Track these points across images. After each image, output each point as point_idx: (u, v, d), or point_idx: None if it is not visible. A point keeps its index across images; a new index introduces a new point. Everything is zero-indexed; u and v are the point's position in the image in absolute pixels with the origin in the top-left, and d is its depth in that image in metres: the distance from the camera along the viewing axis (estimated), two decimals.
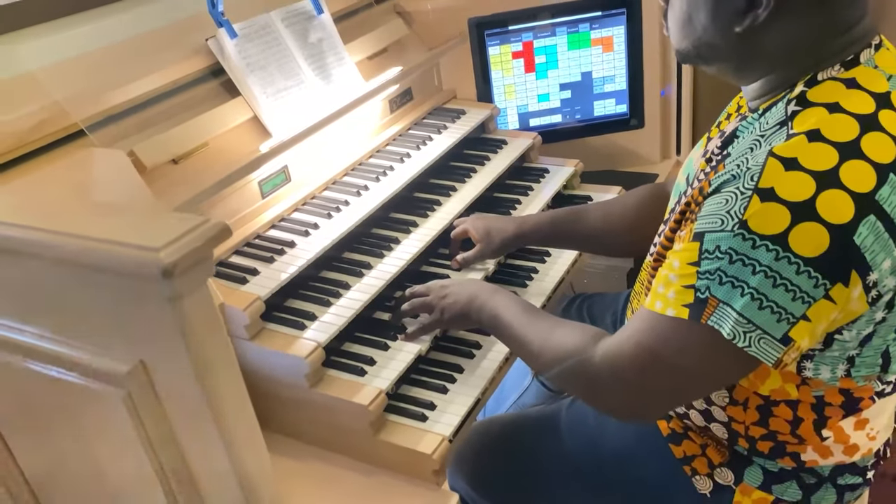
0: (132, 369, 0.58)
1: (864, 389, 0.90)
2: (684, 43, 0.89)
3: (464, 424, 1.09)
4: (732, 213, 0.76)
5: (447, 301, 1.13)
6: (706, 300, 0.78)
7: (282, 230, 1.25)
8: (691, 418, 1.01)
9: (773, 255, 0.74)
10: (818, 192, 0.73)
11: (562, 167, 1.64)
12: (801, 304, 0.75)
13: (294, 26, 1.36)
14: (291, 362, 1.06)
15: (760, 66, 0.86)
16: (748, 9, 0.80)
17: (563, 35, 1.70)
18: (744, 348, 0.77)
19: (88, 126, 1.08)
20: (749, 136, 0.85)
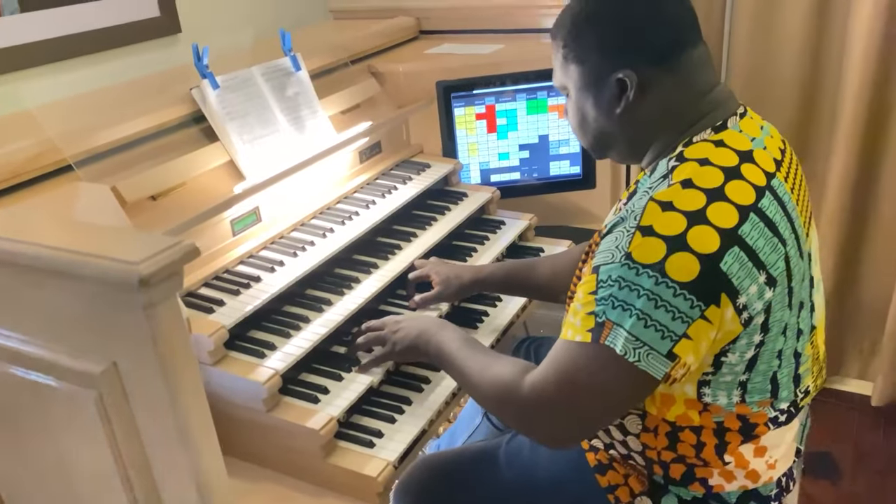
0: (105, 370, 0.67)
1: (758, 416, 1.01)
2: (587, 138, 1.07)
3: (409, 452, 1.17)
4: (620, 247, 0.90)
5: (399, 335, 1.23)
6: (603, 323, 0.90)
7: (249, 266, 1.35)
8: (616, 448, 1.10)
9: (654, 280, 0.86)
10: (689, 227, 0.87)
11: (517, 220, 1.77)
12: (681, 323, 0.87)
13: (273, 81, 1.48)
14: (250, 387, 1.14)
15: (645, 137, 1.02)
16: (620, 93, 0.98)
17: (523, 101, 1.85)
18: (634, 363, 0.88)
19: (77, 162, 1.18)
20: (641, 189, 0.99)
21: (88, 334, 0.67)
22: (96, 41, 1.67)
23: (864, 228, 2.26)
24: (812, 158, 2.28)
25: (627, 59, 0.97)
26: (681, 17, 0.98)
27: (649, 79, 0.97)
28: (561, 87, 1.06)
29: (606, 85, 0.99)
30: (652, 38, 0.96)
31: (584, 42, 0.99)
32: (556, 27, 1.03)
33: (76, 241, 0.63)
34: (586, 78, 1.01)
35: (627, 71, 0.96)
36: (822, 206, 2.25)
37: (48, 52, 1.58)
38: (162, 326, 0.62)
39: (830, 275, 2.30)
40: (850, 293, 2.36)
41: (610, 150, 1.08)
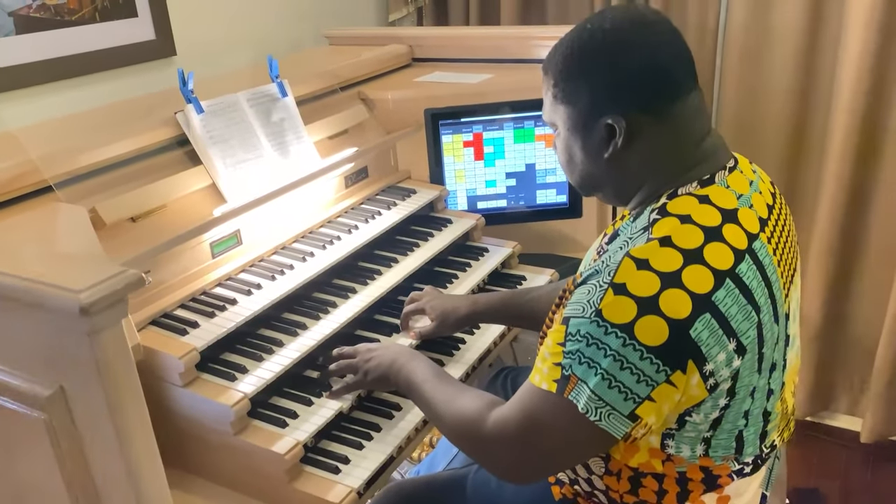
0: (52, 394, 0.68)
1: (721, 468, 1.00)
2: (574, 177, 1.05)
3: (374, 479, 1.17)
4: (591, 303, 0.88)
5: (371, 364, 1.24)
6: (569, 377, 0.89)
7: (227, 288, 1.36)
8: (580, 485, 1.10)
9: (621, 341, 0.85)
10: (662, 289, 0.85)
11: (501, 248, 1.78)
12: (645, 386, 0.86)
13: (258, 106, 1.51)
14: (219, 410, 1.15)
15: (631, 183, 1.00)
16: (609, 138, 0.96)
17: (510, 129, 1.87)
18: (595, 422, 0.88)
19: (56, 183, 1.20)
20: (623, 236, 0.98)
21: (38, 358, 0.68)
22: (92, 63, 1.71)
23: (852, 265, 2.27)
24: (801, 196, 2.29)
25: (617, 105, 0.94)
26: (675, 64, 0.95)
27: (639, 126, 0.94)
28: (550, 123, 1.04)
29: (595, 128, 0.96)
30: (643, 85, 0.93)
31: (574, 84, 0.96)
32: (548, 62, 1.01)
33: (25, 267, 0.65)
34: (575, 119, 0.98)
35: (617, 117, 0.94)
36: (811, 242, 2.25)
37: (43, 73, 1.61)
38: (106, 353, 0.63)
39: (819, 311, 2.30)
40: (839, 330, 2.35)
41: (596, 191, 1.06)
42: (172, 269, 1.31)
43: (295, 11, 2.30)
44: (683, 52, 0.96)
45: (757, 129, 2.25)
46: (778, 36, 2.15)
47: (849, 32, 1.98)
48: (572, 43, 0.97)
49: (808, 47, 2.12)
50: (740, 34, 2.18)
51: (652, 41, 0.94)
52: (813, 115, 2.19)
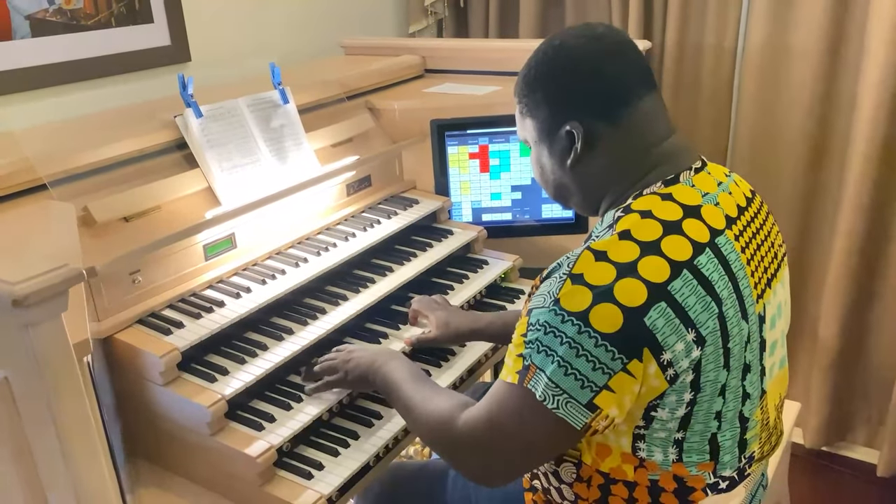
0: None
1: (696, 479, 0.98)
2: (548, 189, 1.10)
3: (348, 487, 1.17)
4: (551, 293, 0.90)
5: (350, 364, 1.24)
6: (528, 366, 0.90)
7: (217, 291, 1.38)
8: (552, 494, 1.08)
9: (577, 329, 0.86)
10: (617, 279, 0.87)
11: (500, 261, 1.76)
12: (601, 374, 0.86)
13: (259, 112, 1.53)
14: (196, 410, 1.16)
15: (597, 189, 1.03)
16: (570, 145, 1.01)
17: (516, 142, 1.86)
18: (552, 410, 0.88)
19: (51, 181, 1.23)
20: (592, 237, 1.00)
21: None
22: (106, 67, 1.75)
23: (871, 293, 2.20)
24: (818, 221, 2.24)
25: (573, 113, 0.99)
26: (626, 72, 0.99)
27: (595, 132, 0.99)
28: (523, 139, 1.10)
29: (557, 137, 1.01)
30: (594, 94, 0.98)
31: (534, 97, 1.03)
32: (516, 83, 1.08)
33: None
34: (540, 131, 1.04)
35: (574, 123, 0.99)
36: (829, 269, 2.19)
37: (57, 75, 1.66)
38: (44, 345, 0.64)
39: (836, 339, 2.23)
40: (857, 360, 2.28)
41: (568, 201, 1.10)
42: (164, 269, 1.33)
43: (313, 21, 2.33)
44: (633, 61, 1.00)
45: (775, 150, 2.20)
46: (797, 56, 2.10)
47: (870, 52, 1.93)
48: (530, 61, 1.05)
49: (828, 67, 2.07)
50: (758, 55, 2.14)
51: (599, 52, 0.99)
52: (832, 137, 2.14)
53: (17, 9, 1.58)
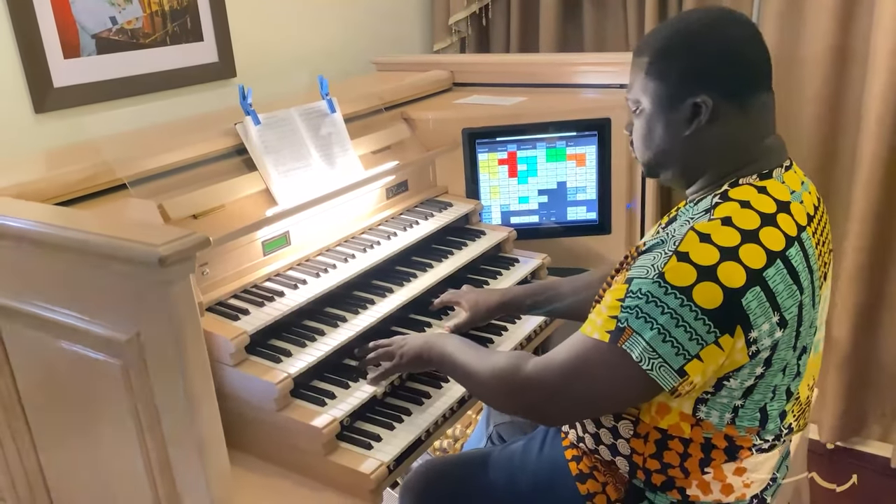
0: (130, 339, 0.80)
1: (744, 440, 1.08)
2: (647, 154, 1.14)
3: (403, 457, 1.27)
4: (655, 266, 0.99)
5: (405, 349, 1.35)
6: (624, 329, 0.99)
7: (276, 283, 1.49)
8: (600, 454, 1.18)
9: (679, 302, 0.96)
10: (720, 261, 0.96)
11: (531, 259, 1.88)
12: (695, 345, 0.96)
13: (310, 121, 1.65)
14: (264, 387, 1.27)
15: (701, 165, 1.10)
16: (692, 117, 1.06)
17: (543, 149, 1.98)
18: (647, 371, 0.98)
19: (130, 182, 1.35)
20: (683, 217, 1.08)
21: (121, 308, 0.81)
22: (161, 82, 1.89)
23: (882, 291, 2.29)
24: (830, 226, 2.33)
25: (706, 87, 1.04)
26: (762, 61, 1.06)
27: (721, 110, 1.04)
28: (634, 100, 1.12)
29: (680, 107, 1.06)
30: (734, 72, 1.04)
31: (671, 61, 1.06)
32: (643, 44, 1.11)
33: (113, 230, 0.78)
34: (664, 96, 1.07)
35: (705, 97, 1.04)
36: (841, 268, 2.29)
37: (120, 89, 1.79)
38: (176, 302, 0.76)
39: (849, 336, 2.32)
40: (870, 358, 2.37)
41: (664, 170, 1.14)
42: (228, 263, 1.45)
43: (346, 40, 2.47)
44: (766, 54, 1.07)
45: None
46: (806, 66, 2.22)
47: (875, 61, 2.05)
48: (674, 27, 1.08)
49: (836, 77, 2.18)
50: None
51: (744, 37, 1.05)
52: (840, 142, 2.25)
53: (85, 28, 1.72)
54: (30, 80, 1.64)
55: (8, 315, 1.00)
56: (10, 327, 1.01)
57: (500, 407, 1.22)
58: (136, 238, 0.74)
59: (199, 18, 1.96)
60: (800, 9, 2.19)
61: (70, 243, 0.79)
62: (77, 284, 0.85)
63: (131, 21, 1.81)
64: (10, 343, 1.03)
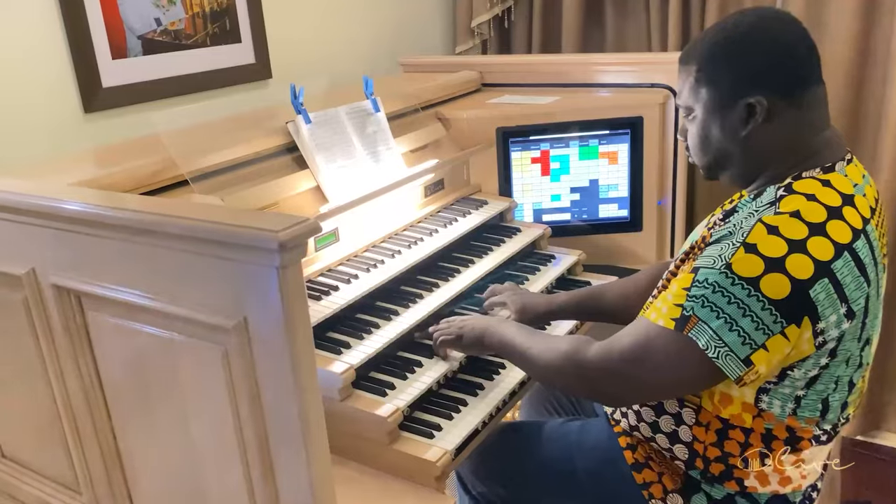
0: (236, 324, 0.83)
1: (805, 431, 1.11)
2: (705, 158, 1.17)
3: (465, 445, 1.30)
4: (722, 257, 1.01)
5: (466, 329, 1.39)
6: (689, 317, 1.02)
7: (329, 278, 1.52)
8: (657, 442, 1.21)
9: (746, 292, 0.98)
10: (789, 253, 0.98)
11: (567, 255, 1.91)
12: (762, 335, 0.99)
13: (355, 119, 1.69)
14: (328, 377, 1.30)
15: (760, 163, 1.12)
16: (748, 117, 1.08)
17: (576, 147, 2.02)
18: (712, 359, 1.00)
19: (192, 178, 1.38)
20: (745, 210, 1.10)
21: (226, 294, 0.83)
22: (203, 82, 1.92)
23: None
24: None
25: (758, 88, 1.06)
26: (809, 56, 1.08)
27: (775, 108, 1.07)
28: (686, 107, 1.15)
29: (735, 109, 1.08)
30: (783, 71, 1.06)
31: (720, 67, 1.09)
32: (689, 53, 1.13)
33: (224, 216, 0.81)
34: (716, 100, 1.10)
35: (759, 97, 1.06)
36: None
37: (164, 89, 1.82)
38: (289, 286, 0.78)
39: None
40: (889, 355, 2.41)
41: (724, 171, 1.17)
42: None
43: (370, 42, 2.50)
44: (814, 47, 1.09)
45: None
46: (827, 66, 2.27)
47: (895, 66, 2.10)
48: (719, 33, 1.10)
49: (857, 77, 2.23)
50: None
51: (790, 34, 1.07)
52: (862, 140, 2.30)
53: (132, 29, 1.75)
54: (80, 80, 1.66)
55: (96, 303, 1.02)
56: (97, 315, 1.03)
57: (562, 388, 1.26)
58: (254, 224, 0.77)
59: (237, 20, 1.99)
60: (820, 10, 2.24)
61: (182, 231, 0.82)
62: (180, 272, 0.88)
63: (175, 22, 1.84)
64: (95, 330, 1.05)
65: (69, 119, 1.67)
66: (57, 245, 1.01)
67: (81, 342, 1.06)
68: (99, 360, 1.07)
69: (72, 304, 1.04)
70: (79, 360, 1.07)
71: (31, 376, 1.18)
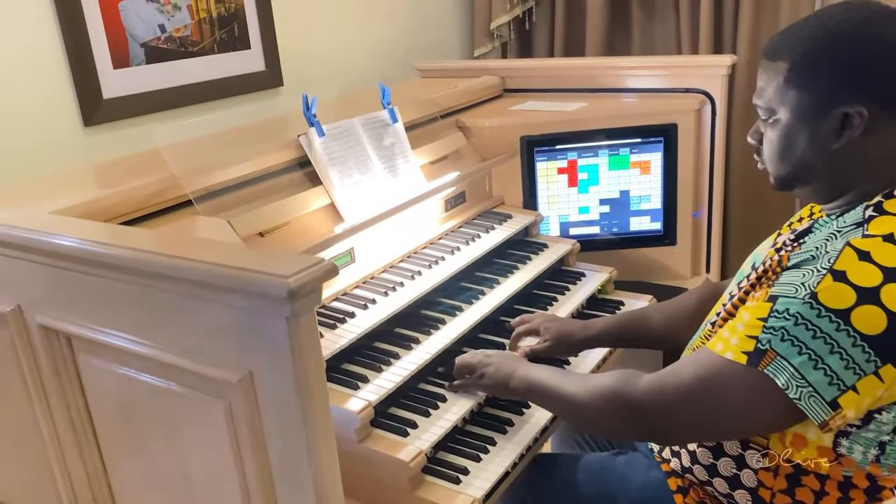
0: (241, 379, 0.72)
1: (888, 480, 0.99)
2: (783, 168, 1.02)
3: (494, 491, 1.19)
4: (806, 285, 0.89)
5: (490, 368, 1.26)
6: (765, 351, 0.90)
7: (344, 303, 1.41)
8: (714, 486, 1.09)
9: (835, 326, 0.86)
10: (884, 283, 0.86)
11: (597, 273, 1.79)
12: (852, 374, 0.86)
13: (372, 131, 1.58)
14: (344, 416, 1.19)
15: (850, 180, 0.98)
16: (842, 128, 0.94)
17: (605, 156, 1.90)
18: (794, 400, 0.88)
19: (196, 198, 1.28)
20: (825, 230, 0.97)
21: (230, 344, 0.73)
22: (210, 91, 1.82)
23: None
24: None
25: (859, 96, 0.92)
26: None
27: (876, 121, 0.93)
28: (767, 108, 1.00)
29: (828, 117, 0.94)
30: (891, 78, 0.92)
31: (816, 68, 0.94)
32: (779, 47, 0.98)
33: (226, 256, 0.70)
34: (806, 106, 0.96)
35: (859, 107, 0.92)
36: None
37: (169, 99, 1.72)
38: (301, 338, 0.67)
39: None
40: None
41: (803, 185, 1.03)
42: None
43: (387, 47, 2.40)
44: None
45: None
46: None
47: None
48: (818, 28, 0.95)
49: None
50: None
51: None
52: None
53: (134, 37, 1.65)
54: (79, 91, 1.57)
55: (87, 346, 0.92)
56: (91, 361, 0.93)
57: (607, 429, 1.14)
58: (260, 268, 0.66)
59: (246, 26, 1.89)
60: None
61: (178, 273, 0.71)
62: (176, 317, 0.77)
63: (180, 29, 1.74)
64: (87, 374, 0.95)
65: (68, 133, 1.57)
66: (44, 282, 0.91)
67: (72, 386, 0.96)
68: (91, 405, 0.97)
69: (61, 346, 0.94)
70: (69, 405, 0.97)
71: (19, 418, 1.08)
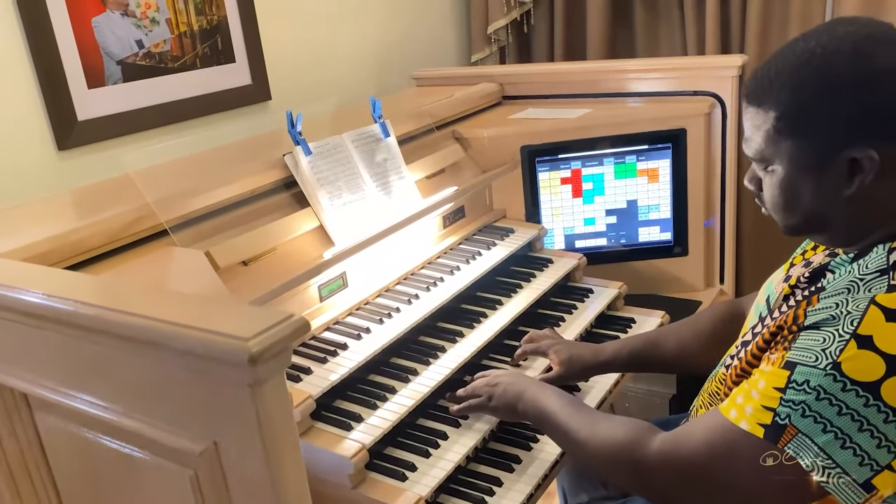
0: (205, 450, 0.63)
1: None
2: (793, 217, 0.91)
3: None
4: (828, 353, 0.79)
5: (498, 390, 1.18)
6: (784, 427, 0.80)
7: (336, 332, 1.32)
8: None
9: (863, 401, 0.76)
10: None
11: (606, 288, 1.69)
12: (886, 453, 0.76)
13: (363, 147, 1.48)
14: (337, 461, 1.09)
15: (867, 224, 0.87)
16: (851, 174, 0.83)
17: (611, 164, 1.80)
18: (822, 483, 0.78)
19: (172, 227, 1.18)
20: (845, 275, 0.86)
21: (190, 411, 0.64)
22: (193, 108, 1.73)
23: None
24: None
25: (866, 138, 0.81)
26: None
27: (889, 161, 0.82)
28: (761, 158, 0.89)
29: (833, 163, 0.84)
30: None
31: (811, 113, 0.83)
32: (762, 92, 0.87)
33: (180, 311, 0.61)
34: (807, 154, 0.85)
35: (868, 150, 0.81)
36: None
37: (149, 118, 1.63)
38: (267, 407, 0.58)
39: None
40: None
41: (818, 233, 0.93)
42: None
43: (381, 55, 2.30)
44: None
45: None
46: None
47: None
48: (804, 66, 0.83)
49: None
50: None
51: None
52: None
53: (110, 55, 1.56)
54: (51, 114, 1.48)
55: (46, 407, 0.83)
56: (49, 420, 0.84)
57: (613, 482, 1.04)
58: (215, 328, 0.57)
59: (230, 38, 1.80)
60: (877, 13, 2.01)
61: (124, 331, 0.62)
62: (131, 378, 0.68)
63: (159, 44, 1.65)
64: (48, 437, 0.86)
65: (40, 158, 1.48)
66: None
67: (31, 448, 0.87)
68: (54, 469, 0.88)
69: (17, 404, 0.84)
70: (30, 470, 0.88)
71: None
